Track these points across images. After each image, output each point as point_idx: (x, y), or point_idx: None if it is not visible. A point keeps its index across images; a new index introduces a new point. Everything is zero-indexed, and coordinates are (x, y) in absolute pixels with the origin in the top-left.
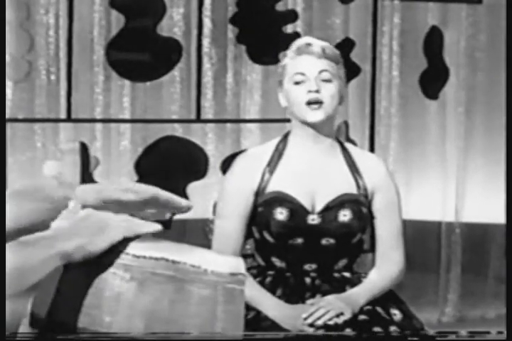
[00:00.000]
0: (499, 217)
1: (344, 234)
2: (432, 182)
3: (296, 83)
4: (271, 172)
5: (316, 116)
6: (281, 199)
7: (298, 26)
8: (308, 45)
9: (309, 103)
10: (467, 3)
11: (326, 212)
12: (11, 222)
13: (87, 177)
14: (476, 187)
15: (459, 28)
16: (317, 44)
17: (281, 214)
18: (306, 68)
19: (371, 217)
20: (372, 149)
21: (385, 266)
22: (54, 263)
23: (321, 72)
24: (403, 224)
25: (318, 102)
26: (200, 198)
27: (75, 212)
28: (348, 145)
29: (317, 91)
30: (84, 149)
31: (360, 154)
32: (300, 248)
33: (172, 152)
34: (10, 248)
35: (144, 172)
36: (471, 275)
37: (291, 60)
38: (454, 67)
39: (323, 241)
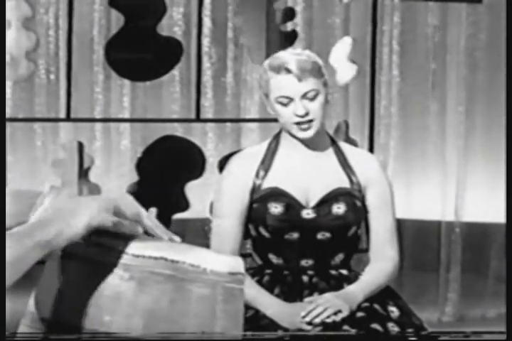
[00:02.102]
0: (499, 217)
1: (339, 227)
2: (432, 182)
3: (282, 104)
4: (265, 170)
5: (307, 133)
6: (276, 193)
7: (298, 25)
8: (285, 66)
9: (298, 123)
10: (467, 3)
11: (320, 206)
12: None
13: (82, 174)
14: (476, 186)
15: (459, 27)
16: (293, 62)
17: (276, 208)
18: (289, 91)
19: (365, 211)
20: (371, 148)
21: (380, 262)
22: (37, 253)
23: (305, 94)
24: (403, 223)
25: (308, 122)
26: (199, 198)
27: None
28: (340, 143)
29: (306, 114)
30: (80, 148)
31: (351, 151)
32: (296, 243)
33: (170, 151)
34: None
35: (143, 172)
36: (471, 274)
37: (272, 78)
38: (454, 67)
39: (319, 236)
